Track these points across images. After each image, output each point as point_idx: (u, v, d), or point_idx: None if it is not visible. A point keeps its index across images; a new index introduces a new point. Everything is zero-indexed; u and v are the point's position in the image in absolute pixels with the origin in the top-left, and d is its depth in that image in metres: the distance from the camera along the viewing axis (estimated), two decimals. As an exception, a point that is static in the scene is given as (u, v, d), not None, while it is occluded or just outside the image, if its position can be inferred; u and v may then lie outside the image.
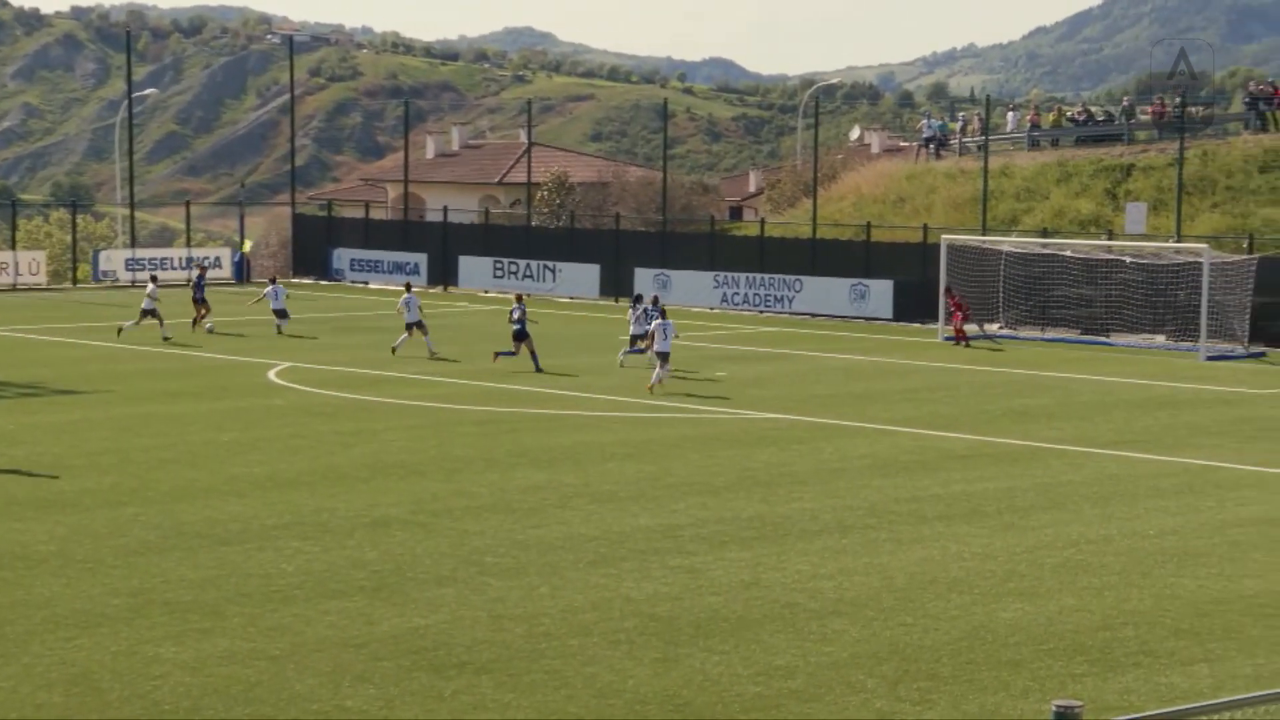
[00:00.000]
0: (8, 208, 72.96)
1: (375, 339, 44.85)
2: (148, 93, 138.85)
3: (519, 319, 38.25)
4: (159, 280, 46.41)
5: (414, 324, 40.98)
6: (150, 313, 43.36)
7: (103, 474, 25.05)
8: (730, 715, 14.57)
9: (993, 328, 47.56)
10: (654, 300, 39.39)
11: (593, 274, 57.97)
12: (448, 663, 15.83)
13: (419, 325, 40.98)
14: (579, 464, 26.33)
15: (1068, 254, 47.70)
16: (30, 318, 49.45)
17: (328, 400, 33.40)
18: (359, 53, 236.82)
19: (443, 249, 61.72)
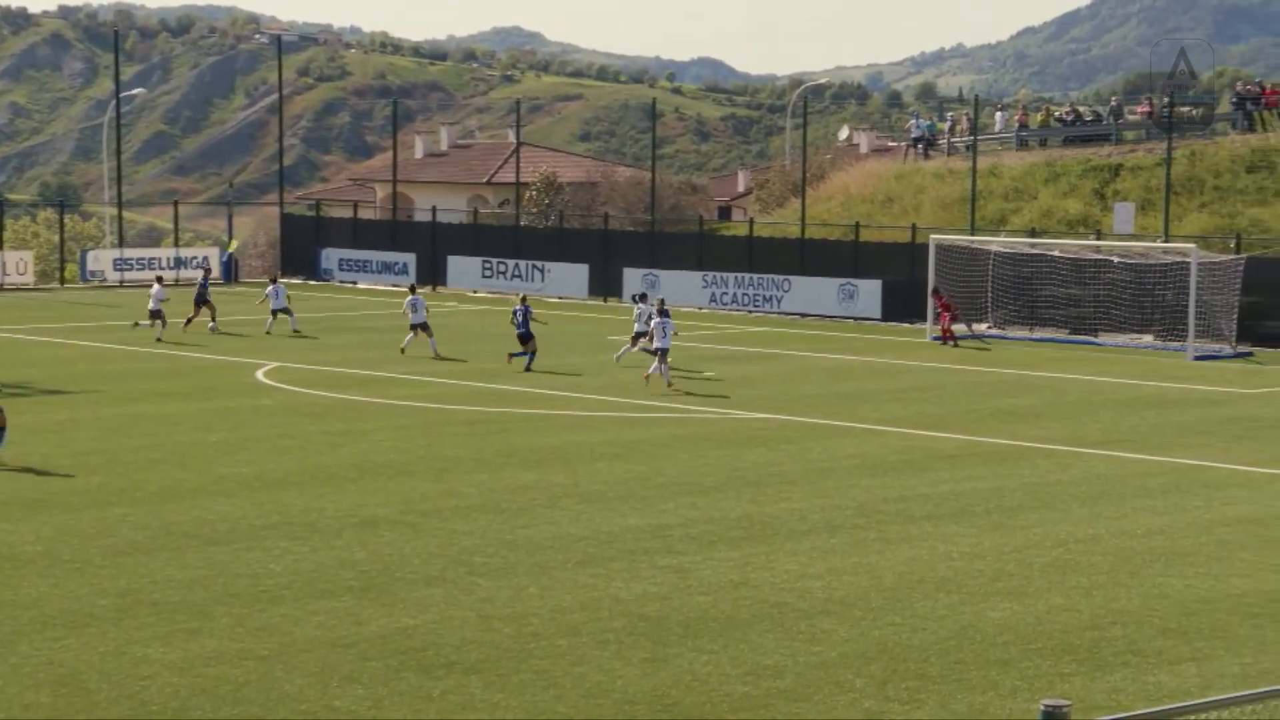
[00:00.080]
0: (-5, 207, 72.76)
1: (364, 339, 44.85)
2: (135, 92, 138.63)
3: (522, 321, 38.23)
4: (164, 281, 46.24)
5: (419, 325, 40.93)
6: (158, 314, 43.47)
7: (90, 474, 25.02)
8: (719, 715, 14.58)
9: (981, 327, 47.61)
10: (660, 303, 39.37)
11: (581, 274, 57.98)
12: (436, 663, 15.83)
13: (424, 327, 40.93)
14: (568, 464, 26.34)
15: (1056, 254, 47.76)
16: (18, 318, 49.35)
17: (316, 400, 33.38)
18: (347, 52, 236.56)
19: (431, 249, 61.70)
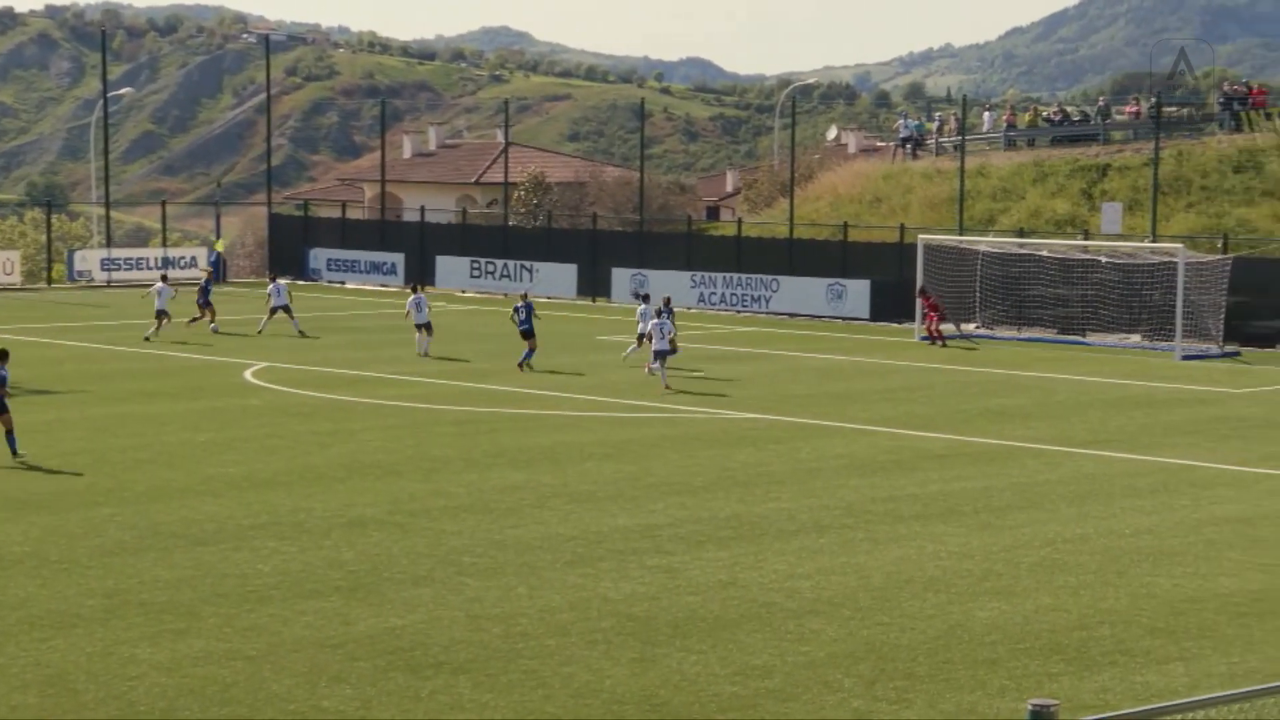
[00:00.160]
0: (-18, 207, 72.76)
1: (352, 339, 44.80)
2: (123, 92, 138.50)
3: (525, 318, 38.23)
4: (169, 279, 46.14)
5: (423, 325, 40.88)
6: (164, 313, 43.46)
7: (78, 474, 24.98)
8: (707, 715, 14.58)
9: (969, 327, 47.66)
10: (665, 301, 39.43)
11: (570, 274, 57.96)
12: (425, 663, 15.82)
13: (426, 326, 40.87)
14: (557, 464, 26.33)
15: (1044, 254, 47.81)
16: (4, 318, 49.24)
17: (304, 400, 33.34)
18: (335, 52, 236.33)
19: (420, 249, 61.65)
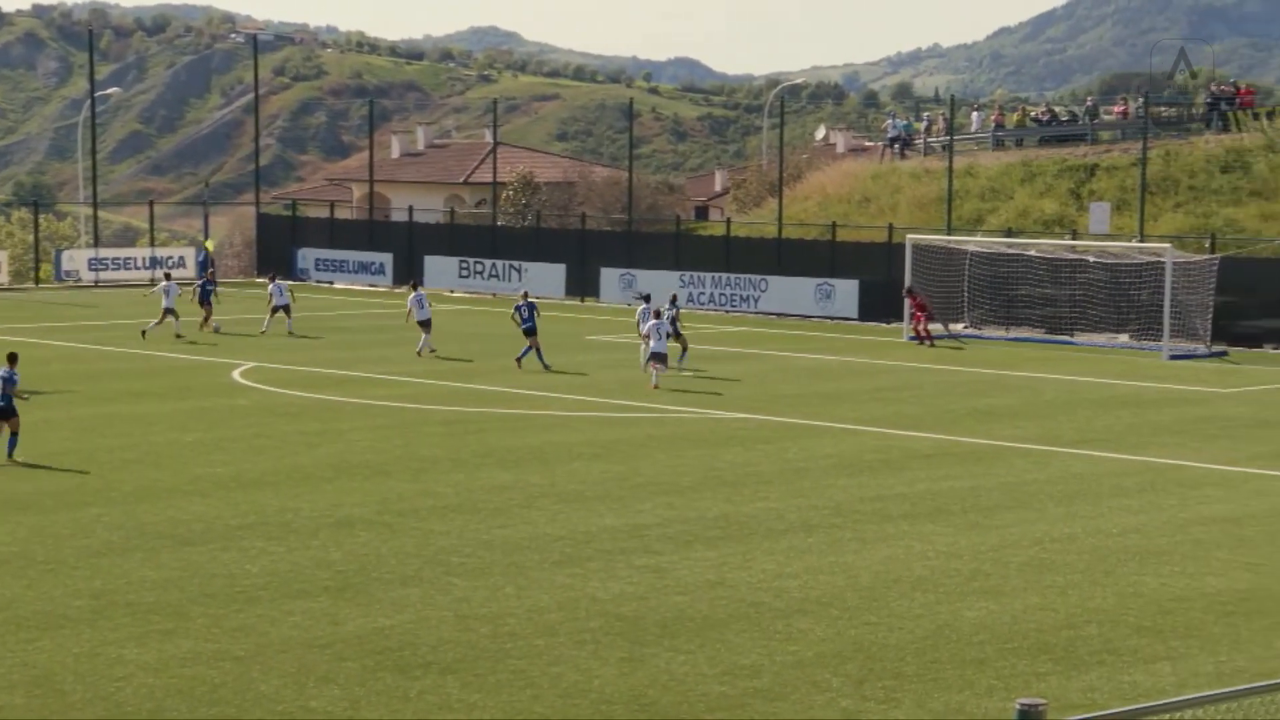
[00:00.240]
0: (-31, 207, 72.59)
1: (341, 339, 44.77)
2: (111, 91, 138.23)
3: (528, 316, 38.22)
4: (174, 278, 46.19)
5: (425, 321, 40.82)
6: (172, 310, 43.53)
7: (65, 475, 24.94)
8: (696, 715, 14.58)
9: (957, 327, 47.71)
10: (672, 299, 39.46)
11: (558, 274, 57.95)
12: (413, 663, 15.81)
13: (426, 324, 40.80)
14: (545, 464, 26.32)
15: (1032, 254, 47.87)
16: (-8, 318, 49.16)
17: (292, 400, 33.30)
18: (324, 52, 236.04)
19: (408, 249, 61.59)
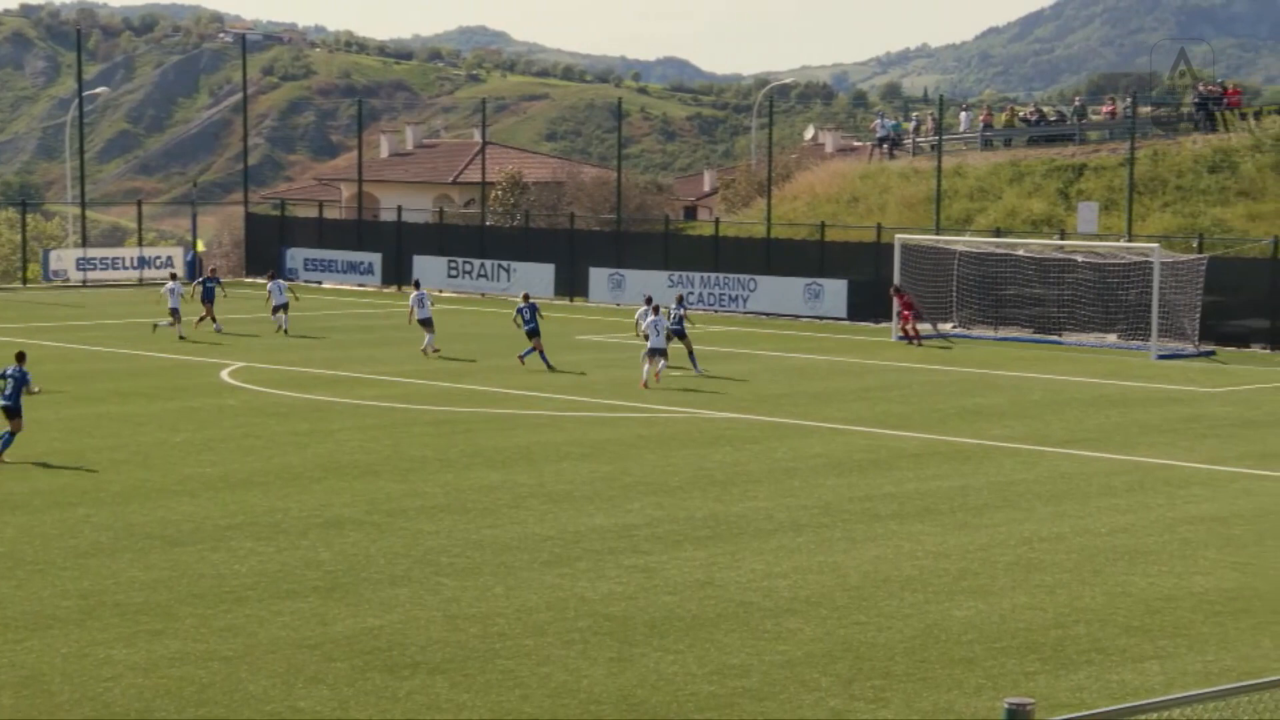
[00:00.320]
0: (-43, 207, 72.42)
1: (330, 339, 44.74)
2: (99, 91, 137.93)
3: (530, 318, 38.20)
4: (179, 278, 46.39)
5: (425, 320, 40.79)
6: (177, 311, 43.64)
7: (53, 475, 24.90)
8: (685, 714, 14.59)
9: (946, 327, 47.76)
10: (679, 299, 39.39)
11: (547, 273, 57.95)
12: (402, 663, 15.81)
13: (427, 323, 40.77)
14: (534, 464, 26.32)
15: (1020, 253, 47.93)
16: (-20, 318, 49.08)
17: (281, 400, 33.28)
18: (312, 51, 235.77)
19: (397, 249, 61.57)
